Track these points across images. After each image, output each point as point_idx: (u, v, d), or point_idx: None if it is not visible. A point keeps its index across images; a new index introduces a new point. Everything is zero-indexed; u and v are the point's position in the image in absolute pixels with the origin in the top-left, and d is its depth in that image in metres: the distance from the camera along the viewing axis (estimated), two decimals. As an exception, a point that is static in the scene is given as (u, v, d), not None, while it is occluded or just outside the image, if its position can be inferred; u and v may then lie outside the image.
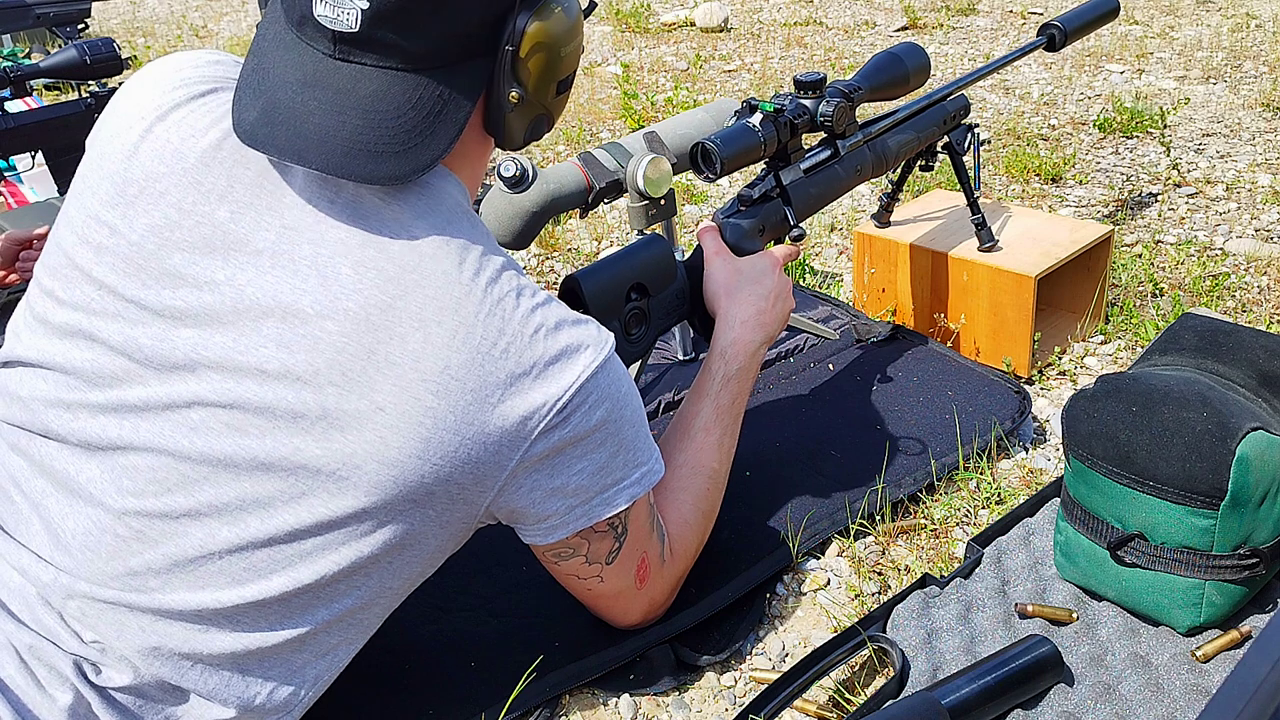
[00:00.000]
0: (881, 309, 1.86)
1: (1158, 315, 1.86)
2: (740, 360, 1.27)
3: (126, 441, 0.91)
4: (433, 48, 0.90)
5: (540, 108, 0.99)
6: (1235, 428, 1.07)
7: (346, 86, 0.89)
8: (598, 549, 1.06)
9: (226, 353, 0.89)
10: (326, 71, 0.89)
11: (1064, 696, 1.06)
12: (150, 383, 0.91)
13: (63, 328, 0.94)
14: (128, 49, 4.58)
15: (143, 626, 0.90)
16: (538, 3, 0.93)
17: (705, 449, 1.23)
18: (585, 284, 1.19)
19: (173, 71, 0.99)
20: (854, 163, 1.52)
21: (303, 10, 0.89)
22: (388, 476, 0.89)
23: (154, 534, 0.90)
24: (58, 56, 2.12)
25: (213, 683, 0.92)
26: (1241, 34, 3.67)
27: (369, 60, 0.89)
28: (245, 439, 0.89)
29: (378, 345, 0.89)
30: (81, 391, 0.92)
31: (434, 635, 1.22)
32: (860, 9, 4.58)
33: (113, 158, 0.96)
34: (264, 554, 0.90)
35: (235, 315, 0.90)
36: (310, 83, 0.89)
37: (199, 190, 0.92)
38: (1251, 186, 2.41)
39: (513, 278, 0.95)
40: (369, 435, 0.88)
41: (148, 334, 0.91)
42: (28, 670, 0.88)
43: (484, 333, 0.91)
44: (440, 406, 0.89)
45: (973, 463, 1.48)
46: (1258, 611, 1.14)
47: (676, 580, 1.20)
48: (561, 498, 0.99)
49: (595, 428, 0.97)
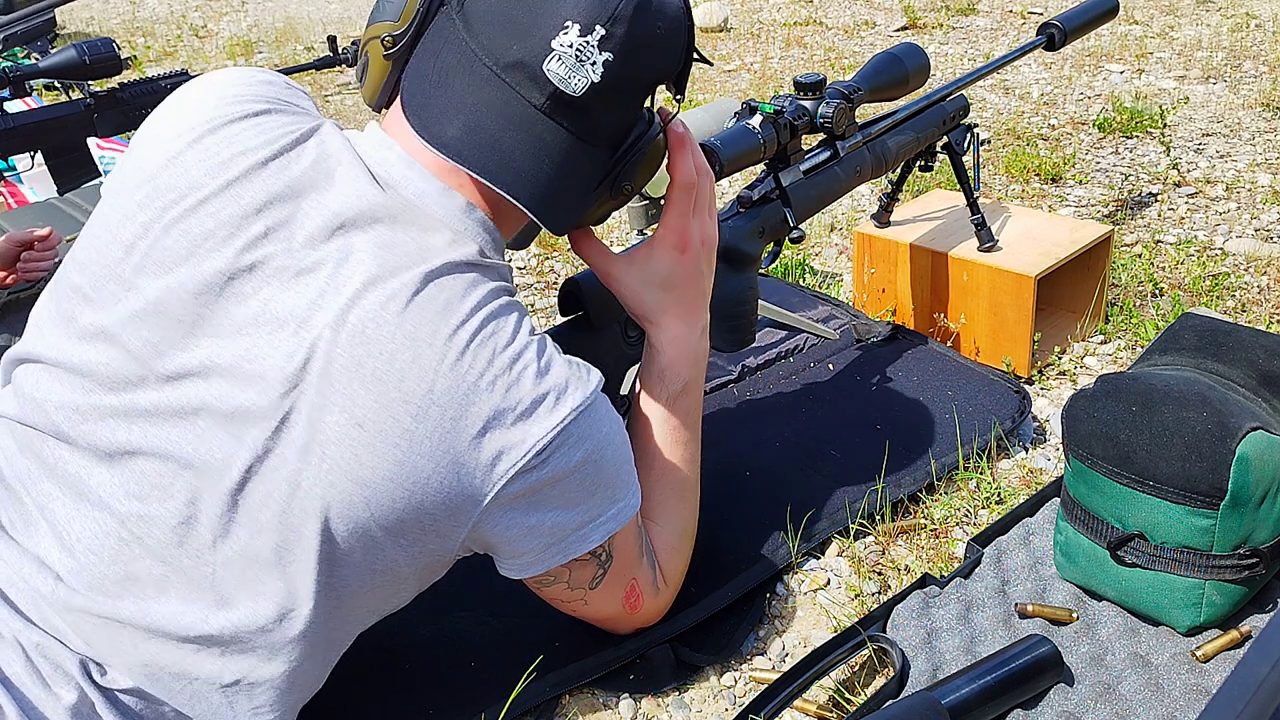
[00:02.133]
0: (881, 309, 1.87)
1: (1158, 315, 1.86)
2: (683, 374, 1.16)
3: (135, 446, 0.91)
4: (612, 128, 0.99)
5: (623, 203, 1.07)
6: (1235, 427, 1.07)
7: (548, 140, 0.95)
8: (579, 576, 1.06)
9: (237, 360, 0.90)
10: (533, 121, 0.95)
11: (1064, 696, 1.06)
12: (163, 388, 0.91)
13: (86, 329, 0.94)
14: (127, 49, 4.58)
15: (135, 644, 0.91)
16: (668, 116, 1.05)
17: (671, 470, 1.17)
18: (585, 287, 1.19)
19: (228, 87, 0.99)
20: (853, 164, 1.52)
21: (524, 57, 0.93)
22: (360, 498, 0.89)
23: (152, 540, 0.91)
24: (56, 57, 2.12)
25: (200, 708, 0.93)
26: (1241, 34, 3.67)
27: (567, 124, 0.95)
28: (241, 449, 0.90)
29: (367, 358, 0.89)
30: (95, 394, 0.93)
31: (434, 635, 1.22)
32: (860, 9, 4.58)
33: (155, 160, 0.96)
34: (252, 570, 0.91)
35: (254, 326, 0.91)
36: (519, 125, 0.94)
37: (238, 204, 0.93)
38: (1251, 186, 2.41)
39: (513, 315, 0.96)
40: (346, 453, 0.89)
41: (167, 340, 0.91)
42: (33, 668, 0.88)
43: (471, 363, 0.92)
44: (419, 430, 0.90)
45: (973, 463, 1.48)
46: (1258, 611, 1.14)
47: (666, 605, 1.20)
48: (537, 535, 0.99)
49: (574, 469, 0.97)
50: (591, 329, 1.20)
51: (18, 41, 3.07)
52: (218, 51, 4.58)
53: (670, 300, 1.13)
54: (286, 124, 0.97)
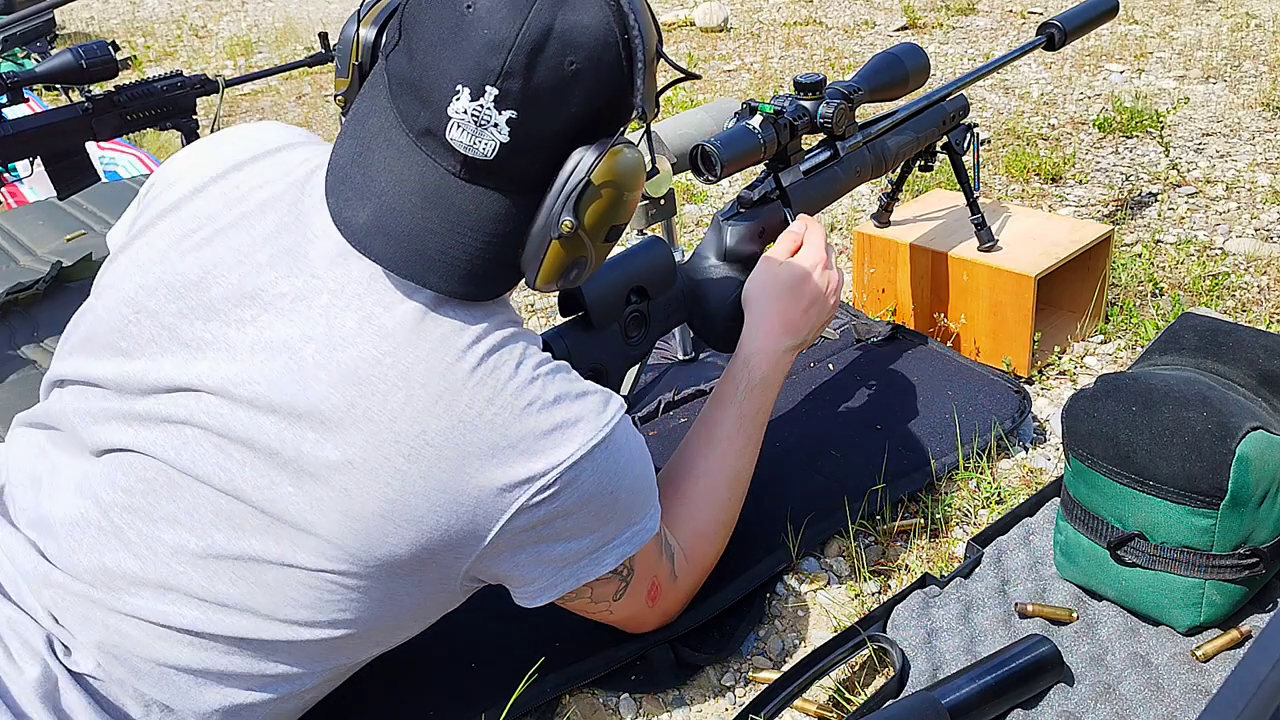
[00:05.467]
0: (881, 309, 1.86)
1: (1158, 315, 1.86)
2: (764, 369, 1.24)
3: (126, 444, 0.94)
4: (543, 174, 0.90)
5: (584, 249, 0.92)
6: (1235, 427, 1.07)
7: (469, 208, 0.89)
8: (602, 592, 1.05)
9: (227, 384, 0.91)
10: (450, 191, 0.89)
11: (1064, 696, 1.06)
12: (159, 398, 0.93)
13: (105, 347, 0.96)
14: (127, 49, 4.58)
15: (106, 624, 0.92)
16: (615, 140, 0.90)
17: (727, 458, 1.21)
18: (585, 288, 1.19)
19: (259, 132, 1.04)
20: (853, 164, 1.52)
21: (430, 125, 0.88)
22: (350, 530, 0.89)
23: (131, 533, 0.92)
24: (53, 61, 2.12)
25: (168, 693, 0.92)
26: (1241, 34, 3.67)
27: (492, 184, 0.89)
28: (229, 463, 0.90)
29: (359, 399, 0.88)
30: (106, 401, 0.96)
31: (434, 636, 1.22)
32: (860, 9, 4.58)
33: (178, 188, 0.99)
34: (227, 571, 0.91)
35: (250, 353, 0.91)
36: (432, 200, 0.89)
37: (250, 235, 0.95)
38: (1251, 186, 2.41)
39: (518, 346, 0.93)
40: (336, 488, 0.88)
41: (172, 361, 0.93)
42: (1, 642, 0.90)
43: (469, 401, 0.89)
44: (411, 471, 0.88)
45: (973, 462, 1.48)
46: (1258, 611, 1.14)
47: (690, 590, 1.20)
48: (547, 565, 0.98)
49: (586, 502, 0.95)
50: (591, 329, 1.20)
51: (18, 42, 3.09)
52: (217, 51, 4.58)
53: (787, 300, 1.25)
54: (306, 155, 1.01)
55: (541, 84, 0.86)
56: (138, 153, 2.84)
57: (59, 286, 2.11)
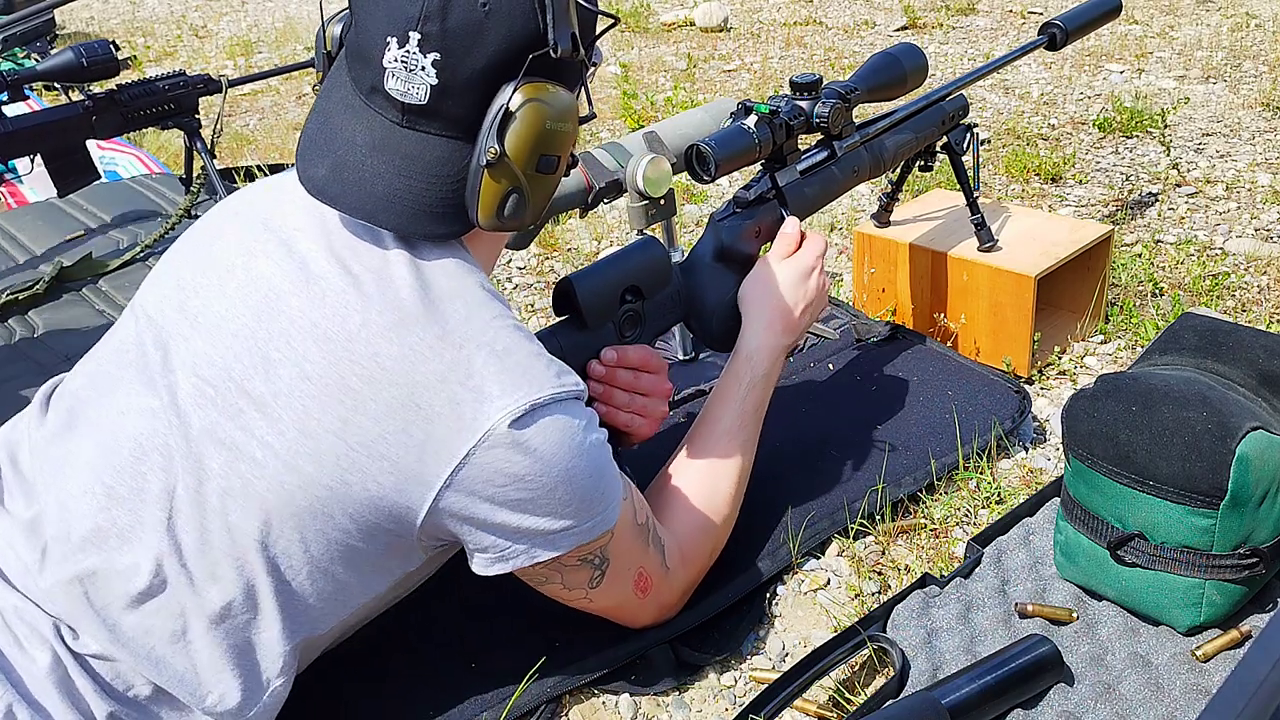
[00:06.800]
0: (881, 309, 1.86)
1: (1158, 315, 1.86)
2: (766, 365, 1.30)
3: (122, 409, 0.99)
4: (476, 117, 0.95)
5: (515, 178, 0.96)
6: (1235, 427, 1.07)
7: (413, 152, 0.96)
8: (574, 578, 1.06)
9: (217, 319, 0.98)
10: (396, 138, 0.96)
11: (1064, 696, 1.06)
12: (153, 356, 1.00)
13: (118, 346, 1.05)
14: (127, 49, 4.58)
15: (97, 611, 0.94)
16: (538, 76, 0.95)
17: (728, 454, 1.24)
18: (579, 286, 1.19)
19: (278, 178, 1.12)
20: (851, 164, 1.52)
21: (373, 82, 0.96)
22: (306, 450, 0.93)
23: (123, 490, 0.95)
24: (55, 59, 2.12)
25: (165, 674, 0.94)
26: (1241, 34, 3.67)
27: (433, 129, 0.96)
28: (211, 406, 0.96)
29: (321, 319, 0.95)
30: (110, 376, 1.02)
31: (434, 636, 1.22)
32: (860, 9, 4.58)
33: (207, 221, 1.10)
34: (211, 518, 0.94)
35: (237, 290, 1.00)
36: (379, 147, 0.97)
37: (250, 232, 1.04)
38: (1251, 186, 2.41)
39: (477, 295, 0.98)
40: (295, 406, 0.93)
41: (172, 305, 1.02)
42: (9, 631, 0.92)
43: (421, 334, 0.94)
44: (364, 391, 0.93)
45: (973, 462, 1.48)
46: (1258, 611, 1.14)
47: (689, 583, 1.20)
48: (500, 533, 0.98)
49: (541, 470, 0.95)
50: (586, 328, 1.20)
51: (18, 42, 3.09)
52: (217, 51, 4.58)
53: (786, 298, 1.32)
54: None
55: (457, 24, 0.92)
56: (138, 152, 2.84)
57: (59, 286, 2.11)
